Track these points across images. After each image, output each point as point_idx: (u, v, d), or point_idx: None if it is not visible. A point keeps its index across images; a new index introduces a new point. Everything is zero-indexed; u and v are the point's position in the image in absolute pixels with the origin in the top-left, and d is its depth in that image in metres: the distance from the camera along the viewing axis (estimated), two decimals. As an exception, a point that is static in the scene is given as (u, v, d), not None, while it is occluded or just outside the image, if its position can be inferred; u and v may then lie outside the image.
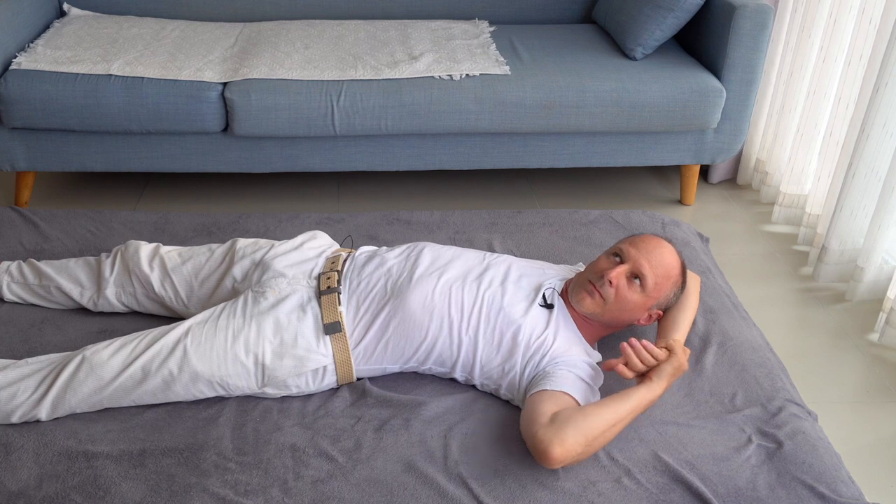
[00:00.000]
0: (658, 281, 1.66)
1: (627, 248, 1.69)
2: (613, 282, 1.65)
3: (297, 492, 1.41)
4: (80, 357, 1.57)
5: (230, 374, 1.58)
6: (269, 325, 1.62)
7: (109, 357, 1.57)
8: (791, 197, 3.17)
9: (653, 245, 1.69)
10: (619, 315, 1.68)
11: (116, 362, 1.56)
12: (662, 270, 1.67)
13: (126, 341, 1.60)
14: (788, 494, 1.45)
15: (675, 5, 2.97)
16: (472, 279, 1.69)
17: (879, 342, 2.55)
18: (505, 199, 3.28)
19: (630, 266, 1.66)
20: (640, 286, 1.66)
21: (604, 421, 1.47)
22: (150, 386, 1.57)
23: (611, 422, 1.48)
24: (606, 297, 1.66)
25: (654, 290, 1.67)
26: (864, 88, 2.69)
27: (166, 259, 1.84)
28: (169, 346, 1.58)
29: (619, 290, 1.65)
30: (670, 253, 1.70)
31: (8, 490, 1.39)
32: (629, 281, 1.66)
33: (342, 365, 1.63)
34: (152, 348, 1.58)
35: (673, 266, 1.69)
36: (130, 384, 1.56)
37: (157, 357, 1.57)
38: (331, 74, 2.89)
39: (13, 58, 2.90)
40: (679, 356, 1.57)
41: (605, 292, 1.66)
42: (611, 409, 1.49)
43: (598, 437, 1.46)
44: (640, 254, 1.67)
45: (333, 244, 1.90)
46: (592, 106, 2.92)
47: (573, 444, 1.42)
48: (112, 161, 2.95)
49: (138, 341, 1.60)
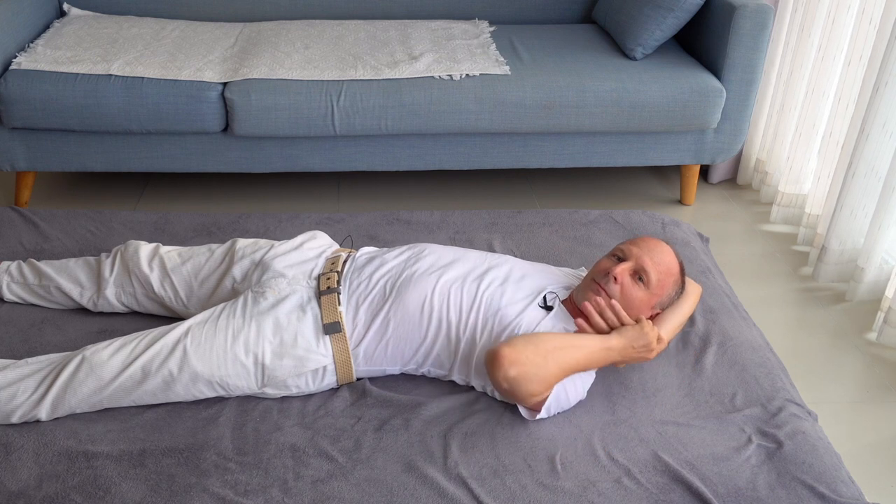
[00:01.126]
0: (661, 278, 1.68)
1: (629, 247, 1.71)
2: (618, 278, 1.67)
3: (297, 492, 1.41)
4: (79, 357, 1.57)
5: (230, 374, 1.58)
6: (269, 326, 1.62)
7: (109, 357, 1.57)
8: (791, 197, 3.18)
9: (653, 244, 1.72)
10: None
11: (116, 362, 1.56)
12: (664, 267, 1.69)
13: (126, 341, 1.60)
14: (788, 494, 1.45)
15: (675, 5, 2.97)
16: (471, 280, 1.69)
17: (878, 341, 2.55)
18: (505, 199, 3.28)
19: (633, 263, 1.68)
20: (643, 283, 1.67)
21: (554, 338, 1.55)
22: (150, 386, 1.57)
23: (562, 343, 1.54)
24: (612, 295, 1.66)
25: (657, 286, 1.68)
26: (863, 88, 2.69)
27: (166, 259, 1.84)
28: (169, 346, 1.58)
29: (625, 286, 1.67)
30: (669, 252, 1.72)
31: (8, 490, 1.39)
32: (633, 278, 1.68)
33: (342, 365, 1.63)
34: (152, 348, 1.58)
35: (673, 264, 1.71)
36: (130, 384, 1.56)
37: (157, 357, 1.57)
38: (331, 74, 2.89)
39: (13, 58, 2.90)
40: (646, 329, 1.61)
41: (611, 289, 1.67)
42: (561, 335, 1.57)
43: (551, 352, 1.51)
44: (641, 251, 1.69)
45: (333, 244, 1.90)
46: (592, 106, 2.92)
47: (522, 347, 1.50)
48: (112, 161, 2.95)
49: (138, 341, 1.60)
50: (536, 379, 1.50)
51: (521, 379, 1.49)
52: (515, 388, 1.50)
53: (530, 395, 1.52)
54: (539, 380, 1.50)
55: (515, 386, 1.50)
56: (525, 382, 1.50)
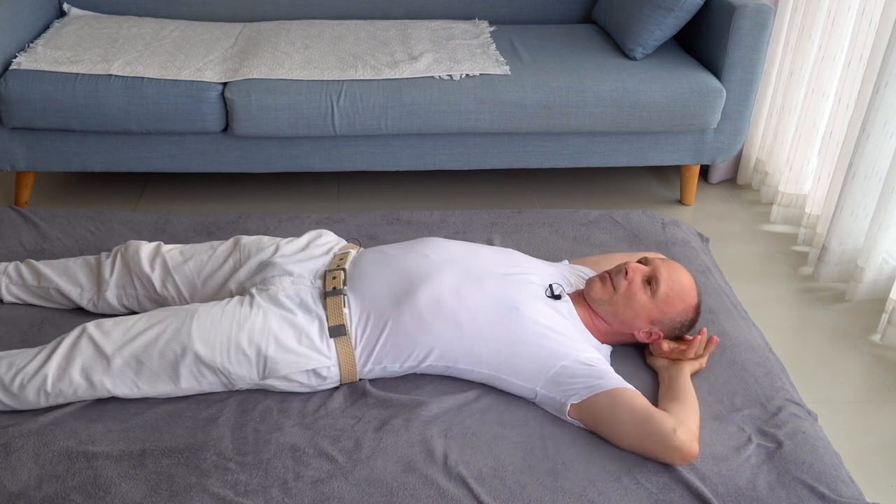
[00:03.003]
0: (670, 294, 1.69)
1: (654, 258, 1.76)
2: (629, 274, 1.69)
3: (297, 492, 1.41)
4: (80, 328, 1.59)
5: (232, 361, 1.58)
6: (275, 320, 1.61)
7: (112, 328, 1.59)
8: (791, 197, 3.18)
9: (679, 268, 1.76)
10: (622, 311, 1.69)
11: (117, 334, 1.57)
12: (678, 287, 1.71)
13: (129, 317, 1.62)
14: (788, 494, 1.45)
15: (675, 5, 2.97)
16: (478, 275, 1.69)
17: (882, 342, 2.55)
18: (505, 199, 3.28)
19: (650, 270, 1.71)
20: (651, 290, 1.68)
21: (690, 390, 1.61)
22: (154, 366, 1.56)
23: (692, 391, 1.62)
24: (617, 287, 1.69)
25: (663, 300, 1.69)
26: (863, 88, 2.69)
27: (168, 258, 1.83)
28: (174, 326, 1.59)
29: (632, 284, 1.69)
30: (691, 282, 1.75)
31: (8, 490, 1.39)
32: (643, 282, 1.69)
33: (346, 366, 1.63)
34: (156, 327, 1.59)
35: (689, 292, 1.73)
36: (133, 363, 1.56)
37: (161, 337, 1.57)
38: (331, 74, 2.89)
39: (13, 58, 2.90)
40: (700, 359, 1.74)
41: (618, 281, 1.69)
42: (691, 394, 1.61)
43: (696, 406, 1.59)
44: (663, 265, 1.72)
45: (340, 241, 1.89)
46: (592, 106, 2.92)
47: (693, 424, 1.52)
48: (112, 161, 2.95)
49: (140, 317, 1.61)
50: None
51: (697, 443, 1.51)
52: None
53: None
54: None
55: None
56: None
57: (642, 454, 1.51)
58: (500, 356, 1.62)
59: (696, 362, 1.71)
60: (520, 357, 1.61)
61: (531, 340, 1.61)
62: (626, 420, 1.51)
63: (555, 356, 1.59)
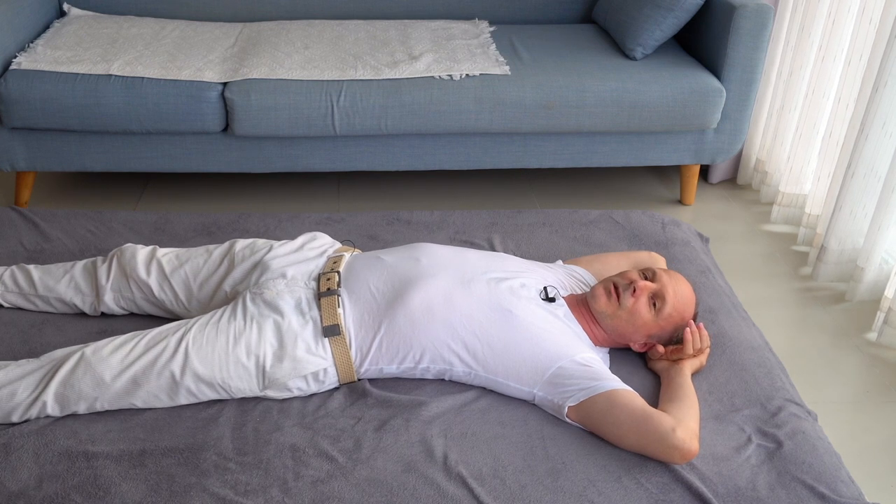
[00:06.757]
0: (672, 313, 1.70)
1: (660, 273, 1.74)
2: (638, 292, 1.68)
3: (297, 492, 1.41)
4: (78, 355, 1.57)
5: (231, 376, 1.58)
6: (270, 328, 1.62)
7: (108, 355, 1.56)
8: (791, 197, 3.18)
9: (682, 282, 1.75)
10: (624, 326, 1.70)
11: (115, 361, 1.56)
12: (681, 306, 1.71)
13: (125, 340, 1.60)
14: (788, 494, 1.45)
15: (675, 5, 2.97)
16: (470, 279, 1.69)
17: (878, 341, 2.55)
18: (505, 199, 3.29)
19: (659, 287, 1.70)
20: (655, 310, 1.69)
21: (691, 391, 1.61)
22: (152, 388, 1.56)
23: (693, 391, 1.62)
24: (623, 303, 1.68)
25: (665, 318, 1.70)
26: (863, 88, 2.69)
27: (164, 262, 1.83)
28: (171, 348, 1.58)
29: (638, 302, 1.68)
30: (691, 297, 1.75)
31: (8, 490, 1.39)
32: (649, 300, 1.69)
33: (342, 367, 1.63)
34: (153, 350, 1.57)
35: (690, 306, 1.74)
36: (131, 386, 1.56)
37: (160, 359, 1.56)
38: (331, 74, 2.89)
39: (13, 58, 2.90)
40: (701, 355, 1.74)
41: (625, 298, 1.68)
42: (691, 393, 1.60)
43: (696, 403, 1.59)
44: (670, 282, 1.72)
45: (335, 243, 1.89)
46: (592, 106, 2.92)
47: (693, 424, 1.52)
48: (112, 161, 2.95)
49: (137, 341, 1.59)
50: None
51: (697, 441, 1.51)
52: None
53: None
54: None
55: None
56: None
57: (643, 454, 1.51)
58: (495, 359, 1.62)
59: (696, 361, 1.71)
60: (515, 360, 1.61)
61: (526, 343, 1.61)
62: (624, 421, 1.51)
63: (551, 358, 1.59)
